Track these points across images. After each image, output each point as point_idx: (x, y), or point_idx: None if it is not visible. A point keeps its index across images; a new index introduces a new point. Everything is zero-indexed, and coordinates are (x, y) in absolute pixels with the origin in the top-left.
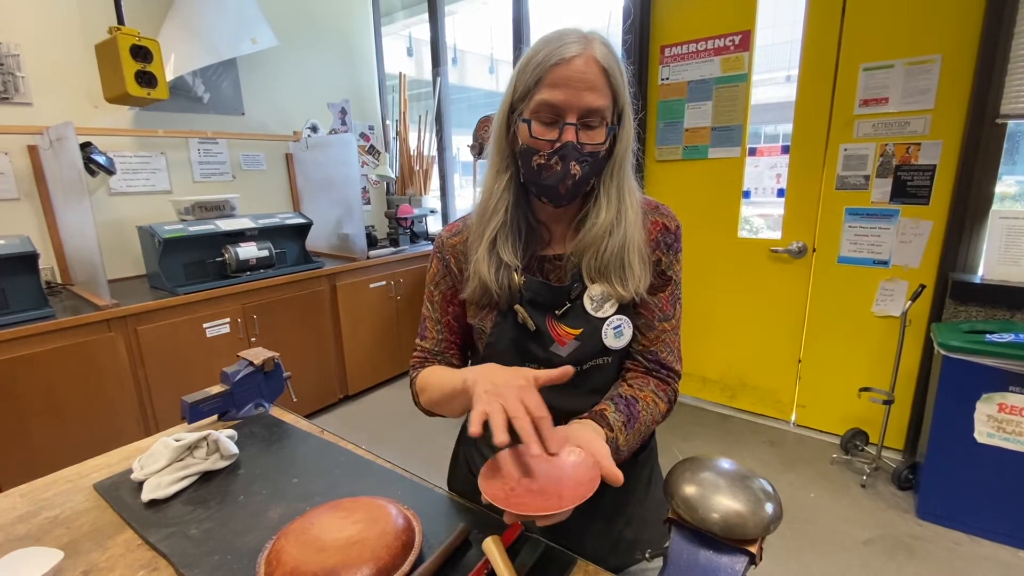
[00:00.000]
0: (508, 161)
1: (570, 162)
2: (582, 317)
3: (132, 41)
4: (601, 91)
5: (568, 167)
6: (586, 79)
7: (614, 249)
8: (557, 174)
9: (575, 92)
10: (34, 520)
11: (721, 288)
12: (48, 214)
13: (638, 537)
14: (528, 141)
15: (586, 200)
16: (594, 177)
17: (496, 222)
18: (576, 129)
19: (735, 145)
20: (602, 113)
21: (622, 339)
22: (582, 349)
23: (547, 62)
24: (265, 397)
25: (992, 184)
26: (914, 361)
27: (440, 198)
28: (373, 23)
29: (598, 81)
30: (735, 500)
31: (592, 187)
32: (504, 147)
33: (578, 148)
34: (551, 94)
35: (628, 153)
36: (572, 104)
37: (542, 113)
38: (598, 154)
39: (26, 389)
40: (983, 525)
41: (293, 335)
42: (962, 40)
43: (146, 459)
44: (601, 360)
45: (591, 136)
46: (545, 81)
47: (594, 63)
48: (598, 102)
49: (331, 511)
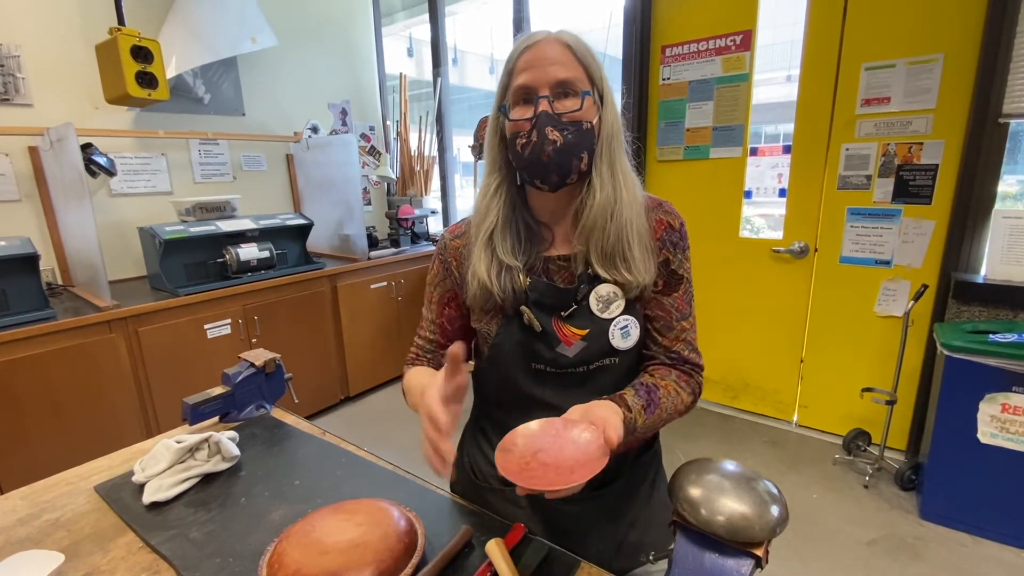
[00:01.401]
0: (500, 162)
1: (545, 128)
2: (588, 318)
3: (133, 42)
4: (567, 64)
5: (545, 134)
6: (551, 56)
7: (618, 232)
8: (537, 145)
9: (542, 69)
10: (35, 523)
11: (723, 288)
12: (49, 215)
13: (642, 539)
14: (510, 128)
15: (582, 191)
16: (585, 153)
17: (490, 222)
18: (549, 101)
19: (736, 145)
20: (573, 84)
21: (629, 339)
22: (589, 349)
23: (515, 52)
24: (266, 398)
25: (994, 184)
26: (916, 361)
27: (441, 199)
28: (373, 24)
29: (563, 57)
30: (740, 502)
31: (587, 170)
32: (496, 148)
33: (553, 116)
34: (523, 77)
35: (616, 133)
36: (541, 80)
37: (518, 97)
38: (581, 124)
39: (27, 390)
40: (987, 526)
41: (294, 336)
42: (964, 39)
43: (147, 461)
44: (608, 361)
45: (566, 104)
46: (516, 68)
47: (557, 43)
48: (565, 73)
49: (333, 513)
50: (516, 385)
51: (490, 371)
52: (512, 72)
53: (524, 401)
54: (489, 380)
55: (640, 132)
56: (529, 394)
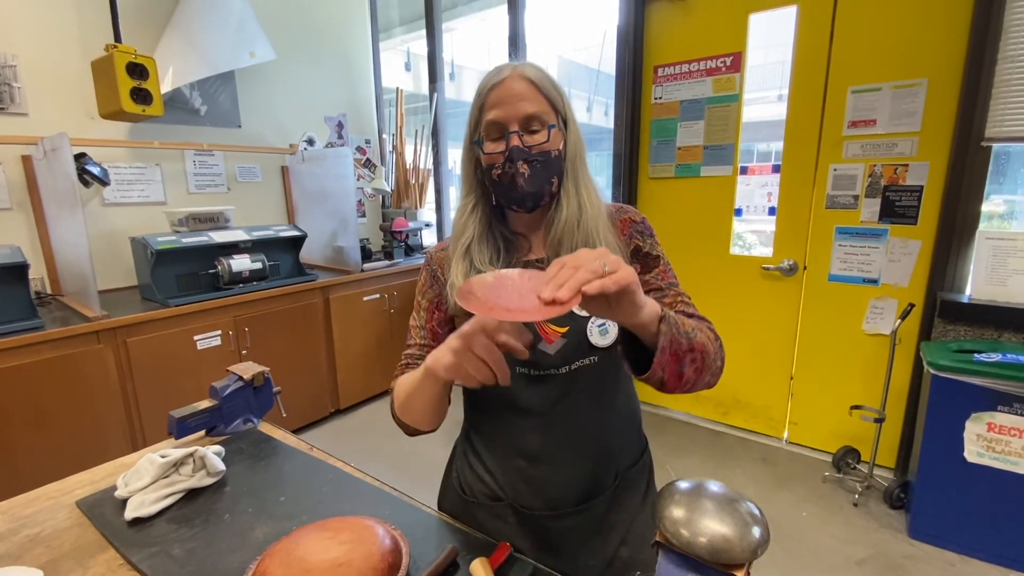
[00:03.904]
0: (474, 185)
1: (518, 162)
2: (568, 316)
3: (128, 59)
4: (533, 100)
5: (517, 167)
6: (518, 92)
7: (585, 238)
8: (510, 176)
9: (511, 106)
10: (14, 538)
11: (713, 304)
12: (40, 224)
13: (633, 556)
14: (485, 160)
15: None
16: (555, 178)
17: (467, 237)
18: (519, 135)
19: (727, 164)
20: (540, 118)
21: (607, 337)
22: (568, 347)
23: (484, 88)
24: (254, 412)
25: (978, 205)
26: (904, 379)
27: (435, 211)
28: (371, 38)
29: (529, 93)
30: (722, 524)
31: (557, 191)
32: (470, 174)
33: (524, 149)
34: (493, 113)
35: (580, 152)
36: (511, 115)
37: (490, 132)
38: (549, 153)
39: (11, 402)
40: (975, 545)
41: (285, 348)
42: (947, 65)
43: (131, 476)
44: (588, 360)
45: (534, 139)
46: (487, 104)
47: (522, 79)
48: (532, 108)
49: (317, 531)
50: (502, 391)
51: None
52: (483, 107)
53: (510, 409)
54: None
55: (632, 150)
56: (513, 402)
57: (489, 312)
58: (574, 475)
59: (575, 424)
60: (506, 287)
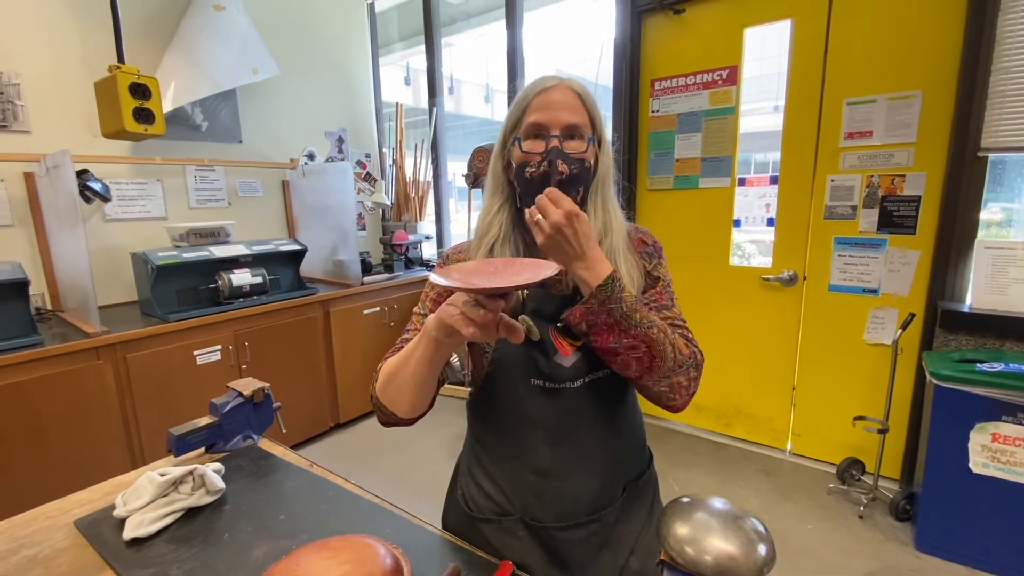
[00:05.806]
0: (502, 185)
1: (557, 161)
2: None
3: (131, 79)
4: (578, 111)
5: (556, 166)
6: (564, 102)
7: (608, 254)
8: (543, 175)
9: (555, 112)
10: (12, 559)
11: (714, 315)
12: (41, 240)
13: (644, 568)
14: (520, 157)
15: None
16: (582, 187)
17: (491, 236)
18: (560, 139)
19: (725, 175)
20: (581, 129)
21: None
22: (584, 360)
23: (531, 94)
24: (254, 429)
25: (976, 214)
26: (907, 389)
27: (436, 224)
28: (371, 54)
29: (574, 104)
30: (727, 542)
31: (579, 202)
32: (499, 174)
33: (563, 152)
34: (536, 116)
35: (610, 174)
36: (554, 121)
37: (530, 132)
38: (583, 162)
39: (10, 419)
40: (983, 558)
41: (285, 362)
42: (942, 76)
43: (130, 494)
44: (601, 373)
45: (574, 146)
46: (531, 108)
47: (570, 91)
48: (576, 119)
49: (318, 551)
50: (514, 404)
51: (487, 392)
52: (526, 110)
53: (523, 423)
54: (486, 403)
55: (631, 162)
56: (527, 414)
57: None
58: (585, 487)
59: (587, 436)
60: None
